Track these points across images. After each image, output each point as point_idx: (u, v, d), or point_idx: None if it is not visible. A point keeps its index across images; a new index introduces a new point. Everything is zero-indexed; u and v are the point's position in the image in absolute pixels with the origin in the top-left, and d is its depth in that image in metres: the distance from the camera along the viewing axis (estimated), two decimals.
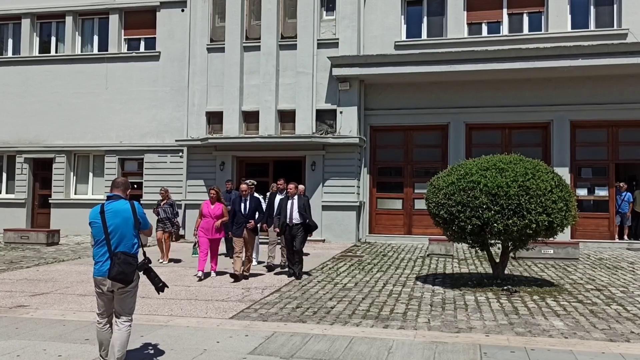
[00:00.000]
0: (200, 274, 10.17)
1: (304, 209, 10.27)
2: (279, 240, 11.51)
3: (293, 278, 10.22)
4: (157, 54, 18.96)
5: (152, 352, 5.67)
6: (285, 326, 6.79)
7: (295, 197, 10.33)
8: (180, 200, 17.93)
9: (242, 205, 10.17)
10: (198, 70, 17.96)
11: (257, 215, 10.24)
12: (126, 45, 19.69)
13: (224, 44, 17.71)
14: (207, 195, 12.18)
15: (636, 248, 15.27)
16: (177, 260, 12.43)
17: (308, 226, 10.29)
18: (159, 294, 5.13)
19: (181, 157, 18.41)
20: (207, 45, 17.94)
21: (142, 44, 19.60)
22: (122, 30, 19.60)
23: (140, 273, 4.97)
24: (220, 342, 6.04)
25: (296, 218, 10.22)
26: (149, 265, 4.94)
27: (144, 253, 5.03)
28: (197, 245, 10.86)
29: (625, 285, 9.64)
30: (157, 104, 18.83)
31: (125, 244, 4.89)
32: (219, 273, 10.59)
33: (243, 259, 10.23)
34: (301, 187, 12.36)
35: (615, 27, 16.16)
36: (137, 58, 19.20)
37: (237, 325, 6.82)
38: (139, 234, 5.04)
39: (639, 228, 16.53)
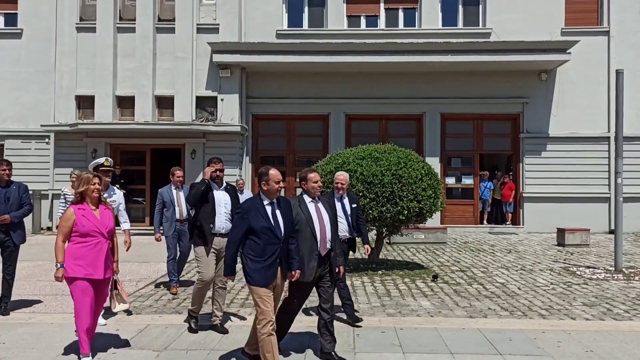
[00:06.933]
0: None
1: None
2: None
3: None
4: (19, 31, 17.36)
5: (9, 353, 5.22)
6: (160, 318, 6.60)
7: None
8: (46, 190, 16.74)
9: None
10: (66, 51, 16.74)
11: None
12: None
13: (95, 24, 16.63)
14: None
15: (496, 232, 16.65)
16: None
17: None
18: None
19: (48, 143, 17.07)
20: (77, 24, 16.76)
21: (2, 19, 17.86)
22: None
23: None
24: None
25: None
26: None
27: None
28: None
29: (486, 266, 10.47)
30: (21, 85, 17.26)
31: None
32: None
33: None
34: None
35: (480, 27, 17.33)
36: None
37: (108, 319, 6.49)
38: None
39: (498, 214, 18.01)
